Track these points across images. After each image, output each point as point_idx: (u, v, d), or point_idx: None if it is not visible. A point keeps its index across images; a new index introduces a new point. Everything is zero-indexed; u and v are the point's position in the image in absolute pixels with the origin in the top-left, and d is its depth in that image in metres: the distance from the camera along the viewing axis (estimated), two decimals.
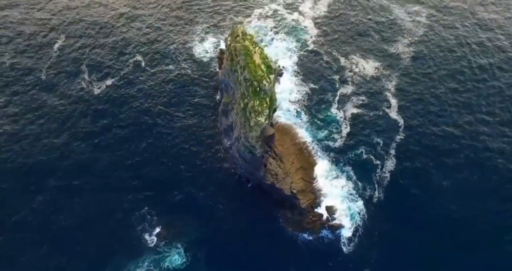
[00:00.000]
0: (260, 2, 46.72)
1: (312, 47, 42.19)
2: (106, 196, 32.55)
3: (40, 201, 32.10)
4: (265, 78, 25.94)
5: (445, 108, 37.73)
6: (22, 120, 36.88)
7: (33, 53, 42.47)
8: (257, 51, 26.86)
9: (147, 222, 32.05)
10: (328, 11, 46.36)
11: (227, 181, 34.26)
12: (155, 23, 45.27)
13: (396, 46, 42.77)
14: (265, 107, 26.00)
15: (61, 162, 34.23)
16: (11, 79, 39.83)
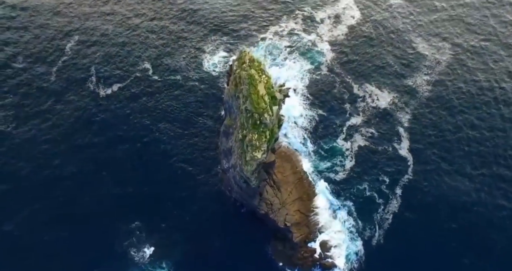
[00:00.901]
0: (277, 19, 45.86)
1: (326, 71, 41.07)
2: (97, 208, 32.50)
3: (28, 210, 32.27)
4: (267, 110, 25.18)
5: (460, 157, 35.53)
6: (26, 123, 37.47)
7: (45, 54, 42.94)
8: (263, 80, 26.07)
9: (135, 237, 31.87)
10: (347, 36, 44.84)
11: (222, 204, 33.70)
12: (169, 34, 45.09)
13: (414, 80, 40.84)
14: (263, 141, 25.24)
15: (53, 170, 34.33)
16: (22, 79, 40.50)
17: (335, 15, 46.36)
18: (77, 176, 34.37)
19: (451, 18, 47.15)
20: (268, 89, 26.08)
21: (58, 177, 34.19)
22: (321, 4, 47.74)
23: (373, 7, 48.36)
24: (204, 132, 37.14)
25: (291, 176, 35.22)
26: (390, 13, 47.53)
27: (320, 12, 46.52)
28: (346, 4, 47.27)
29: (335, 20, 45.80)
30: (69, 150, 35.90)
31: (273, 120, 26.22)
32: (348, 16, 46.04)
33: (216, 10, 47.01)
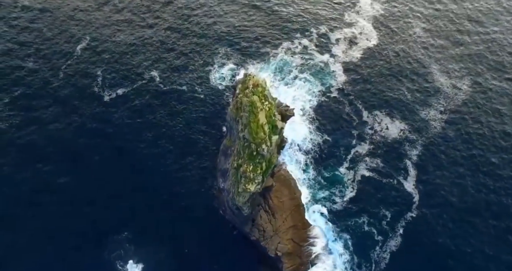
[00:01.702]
0: (291, 35, 44.99)
1: (336, 94, 40.10)
2: (90, 216, 32.37)
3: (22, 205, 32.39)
4: (265, 141, 24.47)
5: (469, 203, 33.57)
6: (28, 121, 37.85)
7: (55, 55, 43.54)
8: (265, 107, 25.38)
9: (123, 249, 31.51)
10: (361, 59, 43.72)
11: (214, 223, 33.01)
12: (180, 44, 44.93)
13: (428, 113, 39.31)
14: (258, 173, 24.55)
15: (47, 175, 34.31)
16: (31, 78, 41.05)
17: (351, 37, 45.36)
18: (70, 182, 34.19)
19: (475, 54, 45.19)
20: (269, 118, 25.41)
21: (50, 182, 34.09)
22: (338, 24, 46.81)
23: (392, 33, 47.09)
24: (204, 147, 36.65)
25: (288, 202, 34.29)
26: (410, 41, 46.08)
27: (336, 32, 45.62)
28: (364, 27, 46.22)
29: (350, 42, 44.80)
30: (63, 154, 35.76)
31: (272, 150, 25.51)
32: (364, 39, 44.97)
33: (230, 23, 46.65)
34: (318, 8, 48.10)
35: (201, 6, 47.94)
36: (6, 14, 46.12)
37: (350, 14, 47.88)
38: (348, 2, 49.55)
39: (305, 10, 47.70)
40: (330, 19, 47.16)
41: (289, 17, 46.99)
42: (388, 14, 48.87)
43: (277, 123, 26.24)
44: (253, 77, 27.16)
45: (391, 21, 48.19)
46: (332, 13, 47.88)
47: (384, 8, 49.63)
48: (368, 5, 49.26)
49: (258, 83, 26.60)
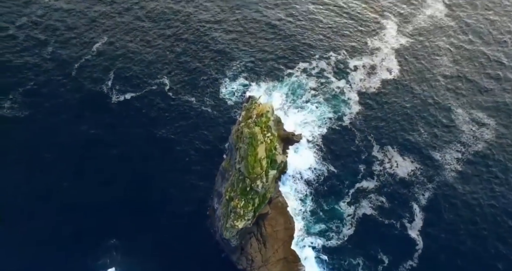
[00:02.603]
0: (309, 56, 44.02)
1: (347, 123, 38.94)
2: (81, 221, 32.49)
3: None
4: (261, 177, 23.66)
5: (477, 265, 31.25)
6: (35, 113, 38.74)
7: (73, 49, 44.68)
8: (267, 139, 24.61)
9: (109, 258, 31.42)
10: (379, 90, 42.22)
11: (202, 242, 32.31)
12: (195, 52, 45.00)
13: (443, 155, 37.49)
14: (250, 210, 23.76)
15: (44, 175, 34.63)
16: (43, 70, 42.17)
17: (371, 65, 43.94)
18: (63, 185, 34.41)
19: (503, 102, 42.28)
20: (269, 151, 24.64)
21: (42, 183, 34.35)
22: (359, 50, 45.44)
23: (416, 68, 44.90)
24: (204, 164, 36.15)
25: (282, 232, 33.19)
26: (434, 79, 43.75)
27: (355, 58, 44.38)
28: (386, 57, 44.68)
29: (370, 71, 43.36)
30: (58, 154, 36.09)
31: (268, 185, 24.68)
32: (384, 70, 43.44)
33: (248, 39, 46.13)
34: (340, 32, 47.09)
35: (221, 22, 47.81)
36: (34, 9, 47.61)
37: (373, 41, 46.42)
38: (372, 29, 48.11)
39: (326, 33, 46.79)
40: (351, 44, 45.84)
41: (309, 38, 46.10)
42: (413, 47, 46.76)
43: (277, 157, 25.39)
44: (258, 105, 26.43)
45: (416, 55, 46.04)
46: (354, 38, 46.60)
47: (410, 40, 47.50)
48: (393, 35, 47.51)
49: (262, 113, 25.86)
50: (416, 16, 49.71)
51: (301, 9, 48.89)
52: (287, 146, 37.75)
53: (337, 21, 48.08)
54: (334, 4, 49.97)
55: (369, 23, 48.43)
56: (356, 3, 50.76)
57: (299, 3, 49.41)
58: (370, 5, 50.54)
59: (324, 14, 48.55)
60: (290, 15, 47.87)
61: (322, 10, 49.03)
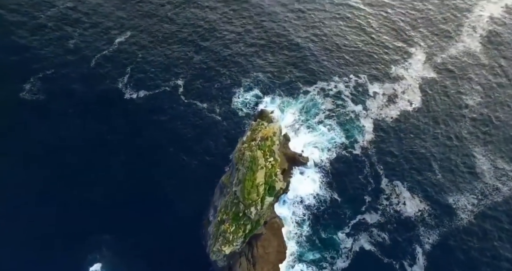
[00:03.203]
0: (329, 75, 43.12)
1: (358, 151, 37.80)
2: (73, 215, 33.03)
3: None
4: (256, 203, 22.94)
5: None
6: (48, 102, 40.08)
7: (95, 42, 46.10)
8: (268, 165, 23.91)
9: (99, 253, 31.80)
10: (396, 121, 40.61)
11: (193, 251, 31.79)
12: (215, 59, 45.22)
13: (457, 200, 35.45)
14: (240, 235, 23.03)
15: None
16: (64, 59, 43.78)
17: (392, 94, 42.45)
18: (66, 171, 35.34)
19: None
20: (269, 177, 23.91)
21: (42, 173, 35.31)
22: (381, 76, 44.01)
23: (439, 102, 42.53)
24: (205, 175, 35.78)
25: (274, 254, 32.24)
26: (457, 117, 41.09)
27: (376, 84, 43.09)
28: (409, 87, 43.03)
29: (389, 99, 41.92)
30: (65, 142, 37.31)
31: (262, 212, 23.92)
32: (405, 100, 41.83)
33: (268, 53, 45.76)
34: (364, 56, 45.92)
35: (244, 33, 47.64)
36: (65, 1, 49.51)
37: (398, 69, 44.85)
38: (399, 57, 46.32)
39: (350, 55, 45.83)
40: (374, 70, 44.54)
41: (331, 58, 45.37)
42: (440, 82, 44.36)
43: (277, 184, 24.64)
44: (264, 128, 25.81)
45: (442, 90, 43.54)
46: (378, 64, 45.21)
47: (438, 74, 45.12)
48: (420, 66, 45.42)
49: (268, 136, 25.19)
50: (448, 49, 47.37)
51: (327, 29, 48.37)
52: (293, 167, 37.02)
53: (363, 44, 47.06)
54: (361, 27, 48.97)
55: (396, 50, 46.83)
56: (385, 28, 49.46)
57: (326, 22, 48.92)
58: (400, 32, 49.03)
59: (350, 35, 47.72)
60: (315, 34, 47.40)
61: (348, 31, 48.23)
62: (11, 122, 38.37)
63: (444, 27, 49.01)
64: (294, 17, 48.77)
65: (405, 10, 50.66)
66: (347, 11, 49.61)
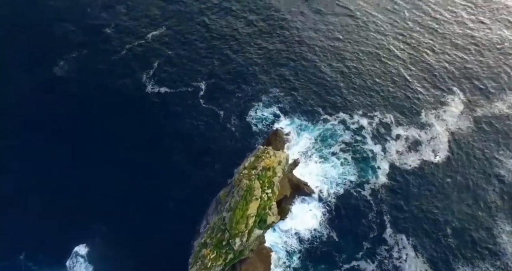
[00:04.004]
0: (352, 108, 41.87)
1: (367, 193, 36.08)
2: (70, 199, 34.27)
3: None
4: (243, 235, 22.00)
5: None
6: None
7: (130, 31, 48.05)
8: (264, 197, 23.02)
9: (86, 237, 32.73)
10: (415, 171, 37.89)
11: (183, 259, 30.44)
12: (242, 67, 45.52)
13: (469, 266, 32.45)
14: (219, 264, 22.08)
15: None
16: (98, 44, 46.30)
17: (416, 140, 40.20)
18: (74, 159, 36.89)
19: None
20: (262, 209, 23.01)
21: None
22: (409, 119, 41.61)
23: (470, 159, 38.34)
24: (208, 181, 35.57)
25: None
26: (489, 182, 36.68)
27: (401, 127, 41.20)
28: (436, 137, 40.44)
29: (412, 146, 39.69)
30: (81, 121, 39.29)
31: (247, 244, 22.86)
32: (429, 150, 39.47)
33: (301, 71, 45.46)
34: (395, 94, 44.05)
35: (279, 48, 47.51)
36: None
37: (429, 115, 42.50)
38: (432, 102, 43.46)
39: (380, 91, 44.25)
40: (402, 111, 42.48)
41: (359, 90, 43.95)
42: (474, 137, 40.25)
43: (269, 218, 23.66)
44: (269, 157, 25.01)
45: (474, 147, 39.48)
46: (408, 106, 43.08)
47: (473, 128, 41.15)
48: (455, 116, 42.16)
49: (270, 166, 24.40)
50: (490, 107, 43.24)
51: (361, 62, 46.71)
52: (295, 195, 35.89)
53: (396, 84, 45.30)
54: (398, 66, 46.97)
55: (431, 96, 43.91)
56: (424, 72, 46.72)
57: (362, 55, 47.58)
58: (440, 78, 46.05)
59: (384, 72, 46.20)
60: (347, 65, 46.31)
61: (383, 68, 46.67)
62: (42, 94, 41.86)
63: (491, 82, 45.80)
64: (329, 44, 48.27)
65: (451, 57, 48.12)
66: (386, 48, 48.36)
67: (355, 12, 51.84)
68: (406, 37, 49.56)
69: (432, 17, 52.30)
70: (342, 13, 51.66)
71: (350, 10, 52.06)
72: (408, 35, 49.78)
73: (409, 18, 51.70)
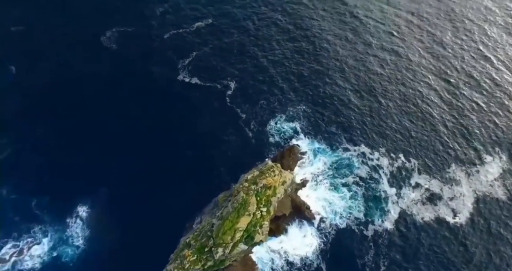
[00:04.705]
0: (378, 144, 40.42)
1: (369, 235, 34.31)
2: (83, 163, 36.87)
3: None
4: (227, 246, 21.57)
5: None
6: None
7: (178, 20, 50.72)
8: (257, 214, 22.59)
9: (90, 200, 35.17)
10: (428, 227, 35.37)
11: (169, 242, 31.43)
12: (278, 75, 46.04)
13: None
14: (197, 268, 21.68)
15: None
16: (145, 25, 49.64)
17: (436, 194, 37.76)
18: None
19: None
20: (252, 226, 22.50)
21: None
22: (434, 170, 39.00)
23: (491, 229, 35.20)
24: (214, 179, 36.11)
25: None
26: (507, 257, 33.48)
27: (423, 176, 38.94)
28: (461, 195, 37.69)
29: (430, 199, 37.44)
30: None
31: (230, 256, 22.28)
32: (449, 208, 36.83)
33: (337, 95, 44.92)
34: (427, 140, 41.88)
35: (312, 71, 47.52)
36: None
37: (458, 171, 39.56)
38: (467, 158, 40.29)
39: (412, 134, 42.29)
40: (429, 159, 40.17)
41: (389, 128, 42.34)
42: (504, 208, 36.71)
43: (257, 236, 23.27)
44: (274, 176, 24.72)
45: (501, 220, 35.58)
46: (438, 155, 40.76)
47: (507, 199, 37.38)
48: (487, 178, 38.88)
49: (272, 185, 24.01)
50: None
51: (397, 100, 45.22)
52: (295, 216, 34.92)
53: (431, 129, 43.15)
54: (438, 111, 44.61)
55: (467, 150, 40.88)
56: (468, 123, 43.46)
57: (402, 93, 46.13)
58: (482, 134, 42.61)
59: (420, 114, 44.20)
60: (379, 101, 45.05)
61: (421, 109, 44.65)
62: (87, 57, 46.06)
63: None
64: (368, 75, 47.40)
65: (499, 118, 44.13)
66: (429, 92, 46.36)
67: (406, 50, 50.93)
68: (454, 86, 47.32)
69: (489, 77, 48.75)
70: (392, 48, 50.95)
71: (401, 48, 51.15)
72: (456, 84, 47.58)
73: (461, 66, 49.65)
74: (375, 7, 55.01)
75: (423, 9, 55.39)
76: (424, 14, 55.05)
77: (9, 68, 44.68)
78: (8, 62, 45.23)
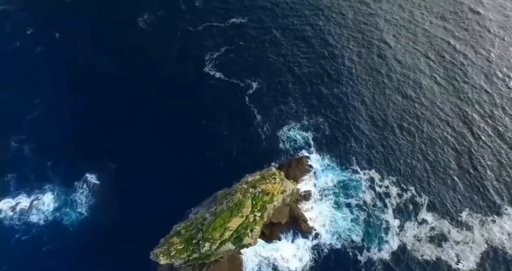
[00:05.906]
0: (389, 172, 39.68)
1: (363, 260, 33.74)
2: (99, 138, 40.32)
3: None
4: (214, 242, 22.07)
5: None
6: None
7: (215, 14, 53.59)
8: (250, 217, 23.04)
9: (97, 169, 38.30)
10: (426, 266, 34.30)
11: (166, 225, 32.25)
12: (299, 85, 47.00)
13: None
14: (182, 257, 22.61)
15: None
16: (183, 16, 52.70)
17: (443, 235, 36.32)
18: None
19: None
20: (242, 228, 22.93)
21: None
22: (445, 210, 37.54)
23: None
24: (219, 174, 37.22)
25: None
26: None
27: (432, 214, 37.59)
28: (470, 240, 35.88)
29: (435, 239, 36.06)
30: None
31: (216, 252, 22.59)
32: (453, 253, 35.09)
33: (360, 115, 44.89)
34: (446, 179, 40.22)
35: (340, 85, 48.09)
36: None
37: (472, 216, 37.73)
38: (486, 204, 38.47)
39: (429, 168, 40.95)
40: (443, 198, 38.90)
41: (405, 156, 41.27)
42: None
43: (246, 238, 23.74)
44: (274, 183, 25.15)
45: None
46: (453, 196, 39.08)
47: None
48: (505, 231, 36.34)
49: (270, 192, 24.40)
50: None
51: (420, 128, 44.38)
52: (291, 227, 34.76)
53: (451, 167, 41.11)
54: (464, 151, 42.57)
55: (487, 198, 38.86)
56: (494, 170, 41.24)
57: (428, 123, 45.09)
58: (508, 185, 39.97)
59: (442, 150, 42.59)
60: (401, 126, 44.54)
61: (444, 145, 43.05)
62: (126, 40, 49.98)
63: None
64: (396, 97, 47.10)
65: None
66: (461, 127, 44.32)
67: (442, 76, 49.12)
68: (490, 123, 44.99)
69: None
70: (427, 73, 49.21)
71: (437, 74, 48.95)
72: (492, 122, 45.28)
73: (500, 104, 47.01)
74: (405, 33, 54.27)
75: (451, 45, 53.29)
76: (448, 54, 53.86)
77: (54, 33, 49.88)
78: (54, 29, 50.26)
